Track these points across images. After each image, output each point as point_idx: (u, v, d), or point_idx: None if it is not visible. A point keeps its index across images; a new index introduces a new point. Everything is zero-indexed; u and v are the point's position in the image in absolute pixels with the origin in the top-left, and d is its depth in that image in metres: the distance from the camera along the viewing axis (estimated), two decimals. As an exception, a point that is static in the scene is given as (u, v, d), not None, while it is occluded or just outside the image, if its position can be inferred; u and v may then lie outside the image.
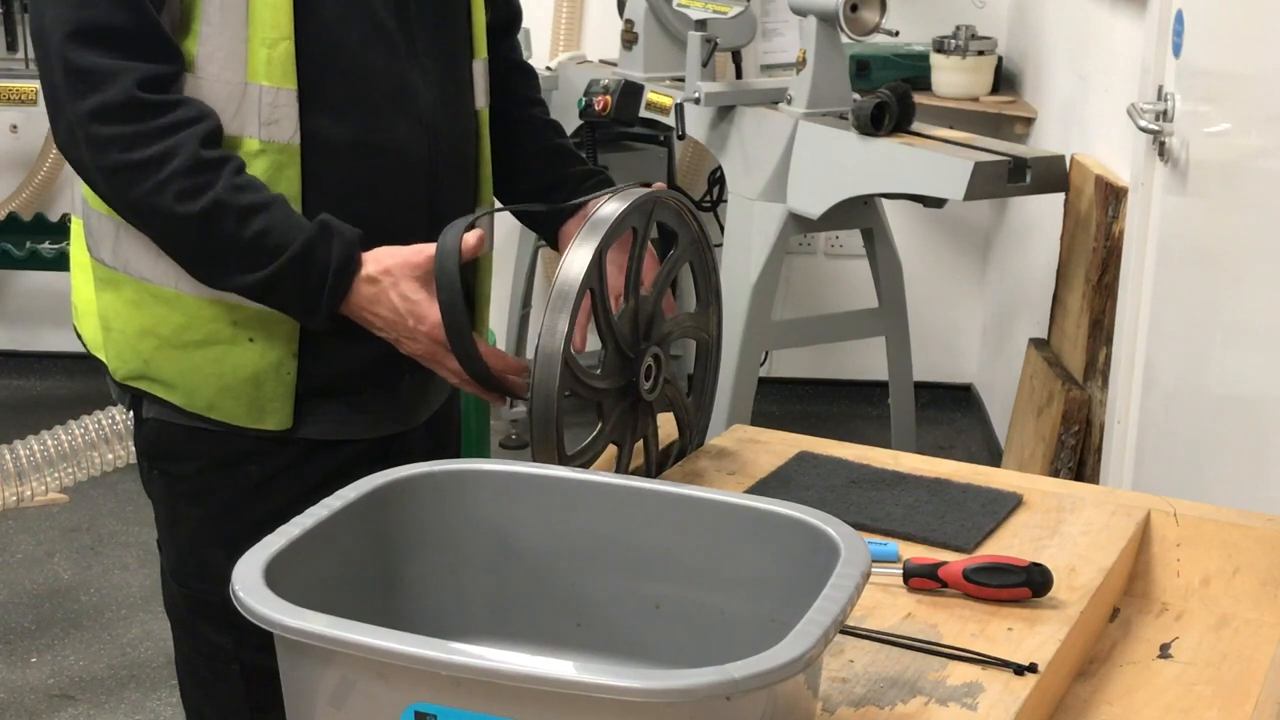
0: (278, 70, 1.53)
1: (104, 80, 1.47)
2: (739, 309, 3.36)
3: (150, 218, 1.51)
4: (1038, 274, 3.85)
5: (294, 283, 1.52)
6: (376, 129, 1.60)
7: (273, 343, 1.60)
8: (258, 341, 1.59)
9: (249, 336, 1.59)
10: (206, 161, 1.48)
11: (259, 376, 1.61)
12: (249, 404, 1.62)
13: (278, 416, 1.63)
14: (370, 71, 1.60)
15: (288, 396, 1.62)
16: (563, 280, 1.44)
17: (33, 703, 3.07)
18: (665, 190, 1.60)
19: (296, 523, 1.17)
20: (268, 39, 1.52)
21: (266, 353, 1.60)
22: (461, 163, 1.73)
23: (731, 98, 3.51)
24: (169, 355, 1.61)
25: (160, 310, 1.60)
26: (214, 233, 1.49)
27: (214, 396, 1.62)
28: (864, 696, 1.23)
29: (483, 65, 1.76)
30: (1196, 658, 1.44)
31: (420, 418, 1.76)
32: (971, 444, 4.53)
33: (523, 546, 1.30)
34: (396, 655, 0.99)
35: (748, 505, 1.25)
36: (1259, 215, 2.23)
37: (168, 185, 1.47)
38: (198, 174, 1.48)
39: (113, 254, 1.61)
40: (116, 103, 1.47)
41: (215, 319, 1.59)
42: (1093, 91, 3.53)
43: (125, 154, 1.47)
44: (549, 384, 1.43)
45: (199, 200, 1.48)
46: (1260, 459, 2.17)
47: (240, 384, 1.61)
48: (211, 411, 1.63)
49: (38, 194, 4.65)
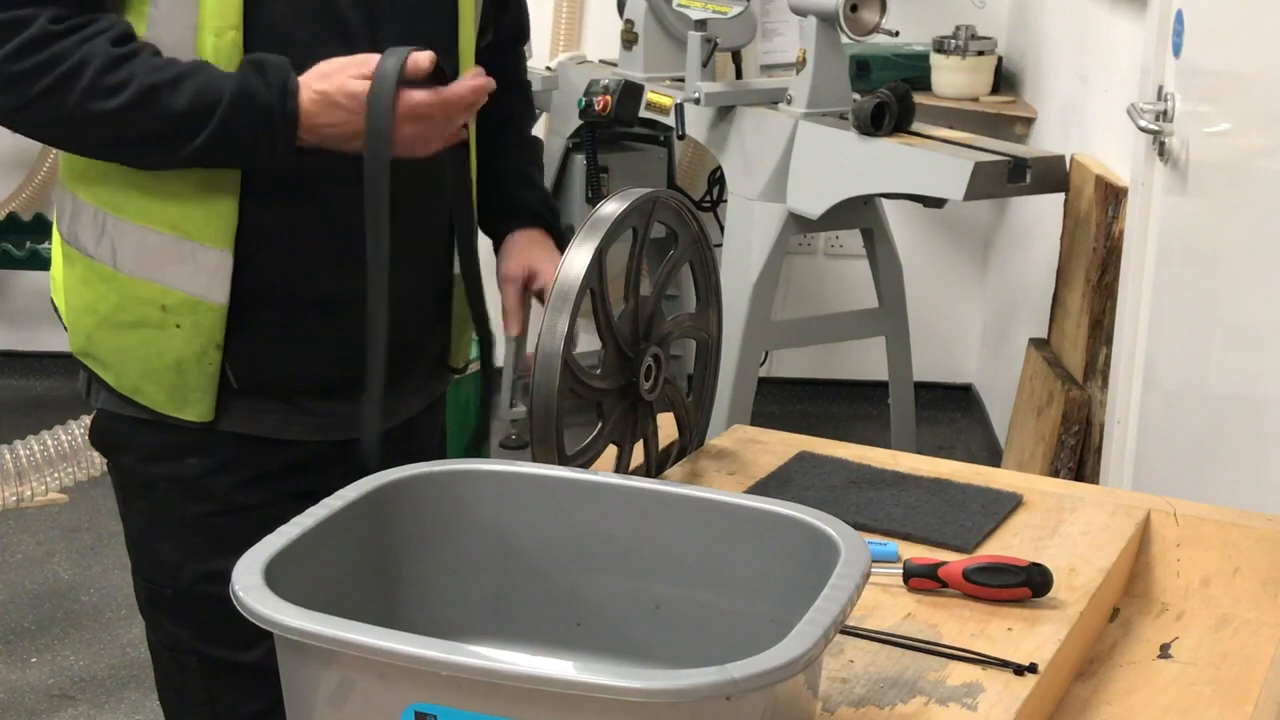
0: (224, 59, 1.52)
1: (17, 25, 1.48)
2: (739, 309, 3.36)
3: (88, 127, 1.52)
4: (1038, 274, 3.85)
5: (243, 125, 1.51)
6: None
7: (198, 331, 1.59)
8: (184, 329, 1.59)
9: (176, 323, 1.59)
10: (121, 56, 1.49)
11: (181, 364, 1.61)
12: (170, 390, 1.62)
13: (198, 407, 1.62)
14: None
15: (209, 388, 1.62)
16: (563, 281, 1.44)
17: (33, 703, 3.07)
18: (664, 190, 1.60)
19: (296, 523, 1.17)
20: (215, 27, 1.52)
21: (191, 340, 1.60)
22: (430, 170, 1.67)
23: (731, 98, 3.51)
24: (106, 333, 1.63)
25: (101, 288, 1.61)
26: (154, 114, 1.50)
27: (139, 379, 1.63)
28: (864, 696, 1.23)
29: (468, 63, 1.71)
30: (1196, 658, 1.44)
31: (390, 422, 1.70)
32: (971, 444, 4.53)
33: (523, 546, 1.30)
34: (396, 655, 0.99)
35: (748, 505, 1.25)
36: (1259, 215, 2.23)
37: (94, 88, 1.48)
38: (117, 68, 1.49)
39: (68, 230, 1.63)
40: (31, 38, 1.48)
41: (147, 301, 1.59)
42: (1093, 91, 3.53)
43: (45, 76, 1.48)
44: (549, 384, 1.43)
45: (128, 90, 1.48)
46: (1260, 459, 2.17)
47: (164, 370, 1.61)
48: (137, 395, 1.63)
49: (38, 194, 4.65)
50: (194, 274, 1.58)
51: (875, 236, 3.49)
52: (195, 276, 1.58)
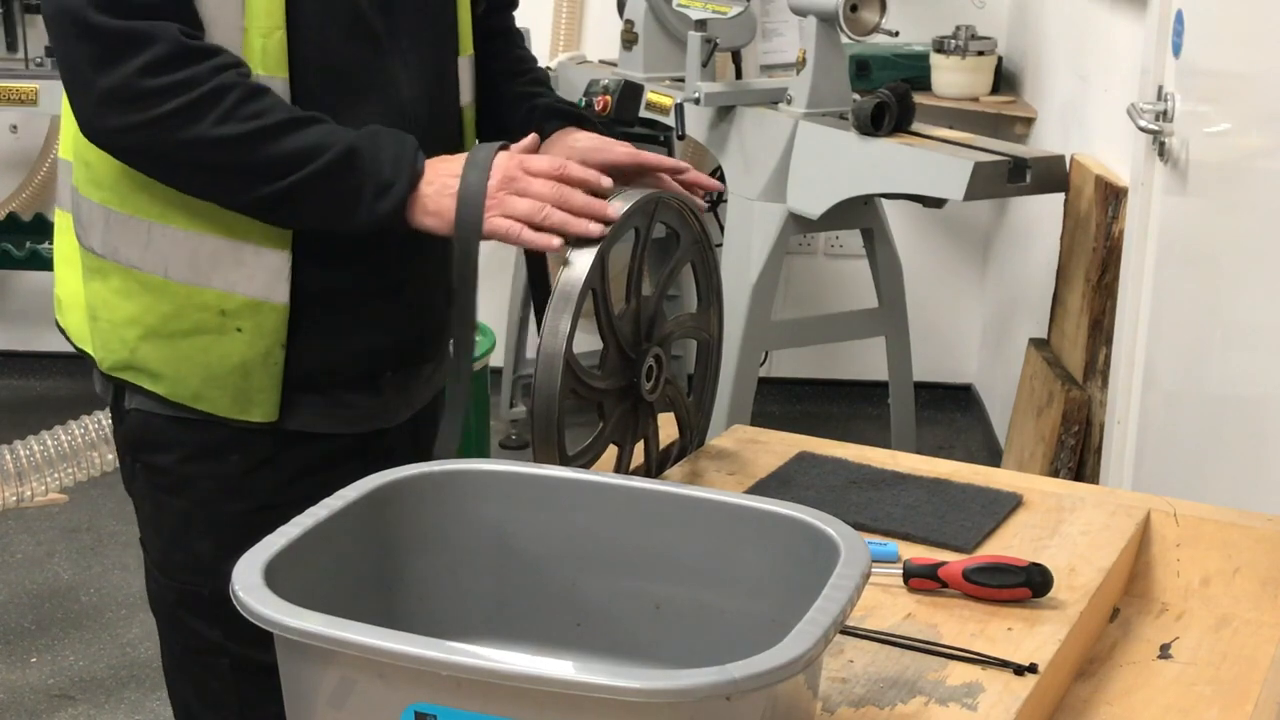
0: (273, 60, 1.54)
1: (148, 38, 1.48)
2: (739, 309, 3.36)
3: (214, 149, 1.51)
4: (1038, 274, 3.85)
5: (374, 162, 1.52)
6: (356, 121, 1.59)
7: (261, 333, 1.59)
8: (246, 331, 1.59)
9: (237, 326, 1.58)
10: (261, 89, 1.52)
11: (246, 366, 1.60)
12: (235, 394, 1.61)
13: (264, 408, 1.62)
14: (351, 64, 1.60)
15: (274, 388, 1.62)
16: (565, 281, 1.44)
17: (33, 703, 3.07)
18: (667, 191, 1.61)
19: (296, 523, 1.17)
20: (263, 28, 1.53)
21: (255, 342, 1.59)
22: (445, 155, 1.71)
23: (731, 98, 3.51)
24: (155, 345, 1.61)
25: (148, 299, 1.59)
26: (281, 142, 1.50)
27: (200, 387, 1.61)
28: (864, 696, 1.23)
29: (468, 62, 1.76)
30: (1196, 658, 1.44)
31: (401, 416, 1.75)
32: (971, 444, 4.53)
33: (523, 546, 1.30)
34: (396, 655, 0.99)
35: (748, 505, 1.25)
36: (1259, 215, 2.23)
37: (234, 112, 1.49)
38: (257, 99, 1.51)
39: (102, 242, 1.61)
40: (167, 54, 1.48)
41: (203, 308, 1.58)
42: (1093, 91, 3.53)
43: (185, 95, 1.48)
44: (550, 384, 1.43)
45: (269, 116, 1.50)
46: (1260, 459, 2.17)
47: (227, 374, 1.60)
48: (197, 402, 1.62)
49: (38, 194, 4.65)
50: (253, 276, 1.58)
51: (875, 236, 3.49)
52: (255, 278, 1.58)
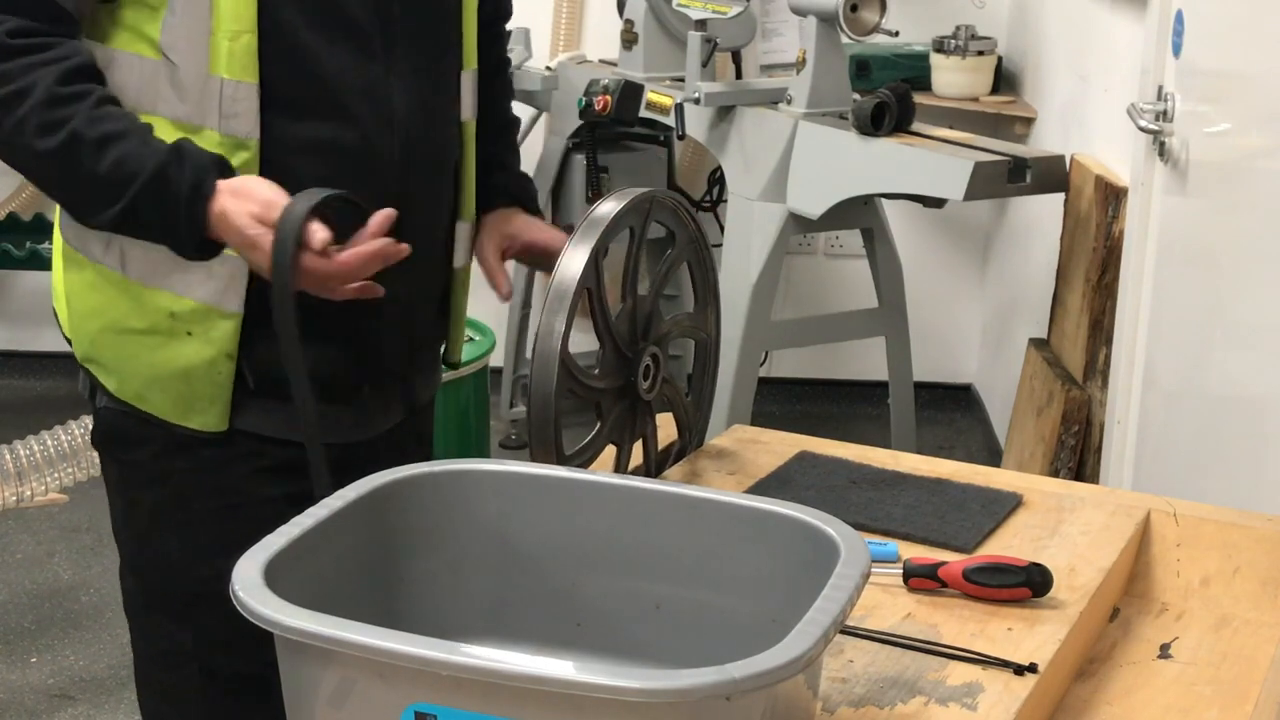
0: (238, 63, 1.52)
1: None
2: (739, 309, 3.36)
3: (14, 156, 1.51)
4: (1038, 274, 3.85)
5: (152, 211, 1.48)
6: (342, 129, 1.58)
7: (209, 340, 1.58)
8: (195, 337, 1.58)
9: (187, 330, 1.58)
10: (63, 96, 1.46)
11: (189, 372, 1.59)
12: (176, 398, 1.60)
13: (205, 417, 1.61)
14: (337, 71, 1.57)
15: (218, 398, 1.60)
16: (559, 281, 1.44)
17: (33, 703, 3.07)
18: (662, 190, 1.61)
19: (296, 523, 1.17)
20: (230, 31, 1.51)
21: (201, 349, 1.58)
22: (438, 171, 1.70)
23: (731, 98, 3.50)
24: (110, 339, 1.62)
25: (110, 293, 1.60)
26: (74, 167, 1.47)
27: (142, 387, 1.61)
28: (864, 696, 1.23)
29: (471, 76, 1.74)
30: (1196, 658, 1.44)
31: (380, 427, 1.73)
32: (971, 444, 4.53)
33: (523, 546, 1.30)
34: (396, 655, 0.99)
35: (748, 505, 1.25)
36: (1259, 215, 2.23)
37: (26, 121, 1.46)
38: (54, 108, 1.46)
39: (76, 235, 1.62)
40: None
41: (156, 309, 1.58)
42: (1093, 91, 3.53)
43: None
44: (546, 384, 1.43)
45: (56, 135, 1.46)
46: (1260, 459, 2.17)
47: (169, 377, 1.59)
48: (140, 402, 1.62)
49: (38, 194, 4.60)
50: (205, 281, 1.56)
51: (875, 236, 3.48)
52: (207, 283, 1.56)
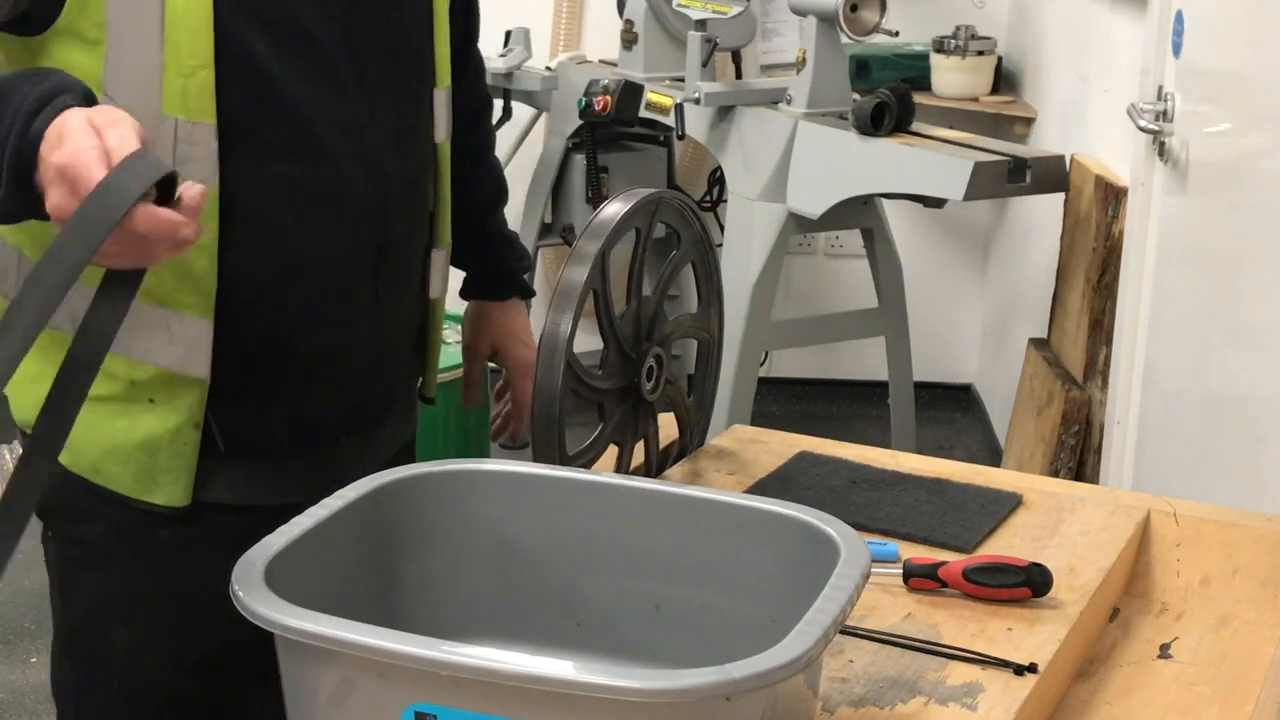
0: (194, 102, 1.35)
1: None
2: (739, 309, 3.36)
3: None
4: (1038, 274, 3.85)
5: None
6: (314, 167, 1.44)
7: (174, 408, 1.43)
8: (158, 404, 1.43)
9: (149, 397, 1.43)
10: None
11: (152, 443, 1.43)
12: (138, 472, 1.44)
13: (169, 490, 1.45)
14: (305, 105, 1.42)
15: (184, 470, 1.45)
16: (565, 280, 1.44)
17: (33, 703, 3.07)
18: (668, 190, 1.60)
19: (296, 523, 1.17)
20: (185, 67, 1.34)
21: (166, 418, 1.43)
22: (414, 201, 1.58)
23: (731, 98, 3.51)
24: None
25: (55, 355, 1.24)
26: None
27: (99, 459, 1.45)
28: (864, 696, 1.23)
29: (445, 94, 1.60)
30: (1196, 658, 1.44)
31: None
32: (971, 444, 4.53)
33: (523, 546, 1.30)
34: (396, 655, 0.99)
35: (748, 505, 1.25)
36: (1259, 215, 2.23)
37: None
38: None
39: (15, 288, 1.44)
40: None
41: (112, 376, 1.41)
42: (1093, 91, 3.53)
43: None
44: (551, 384, 1.43)
45: None
46: (1260, 459, 2.17)
47: (131, 449, 1.44)
48: (96, 476, 1.46)
49: None
50: (169, 345, 1.41)
51: (875, 236, 3.49)
52: (170, 348, 1.41)
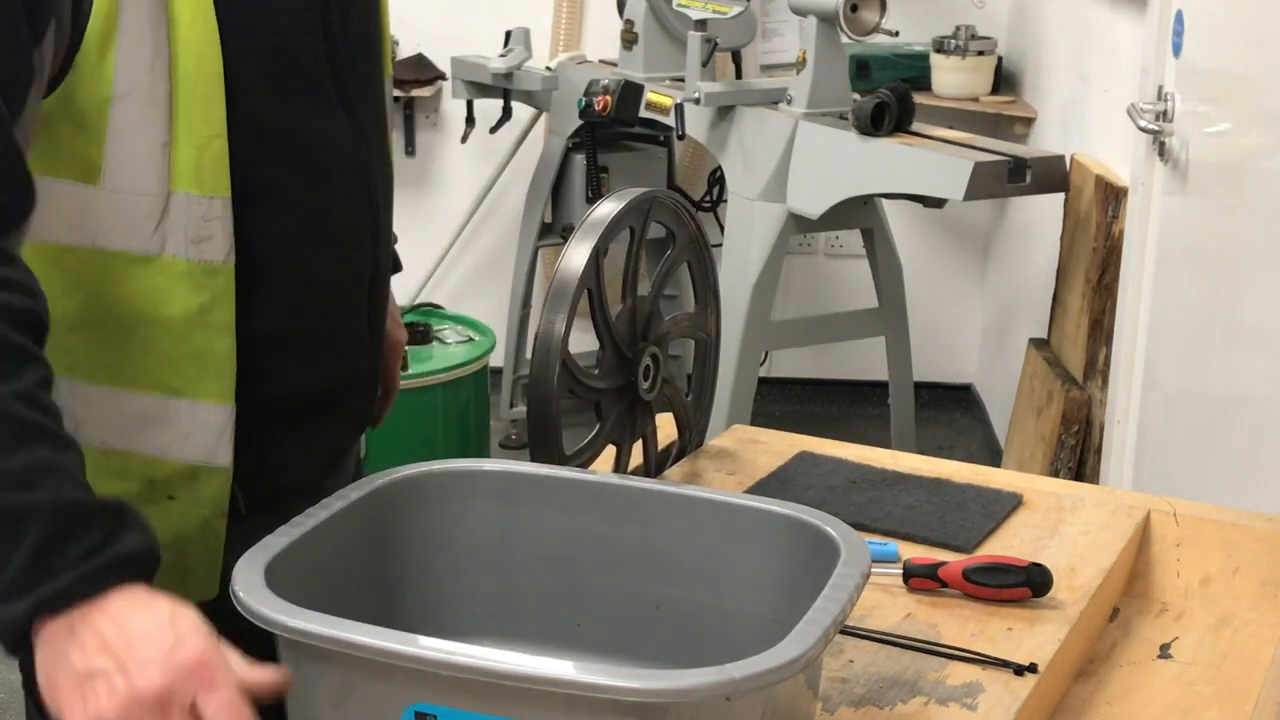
0: (209, 175, 1.26)
1: None
2: (739, 309, 3.36)
3: None
4: (1038, 274, 3.85)
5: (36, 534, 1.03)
6: (327, 207, 1.37)
7: (199, 501, 1.33)
8: (180, 500, 1.32)
9: (169, 494, 1.32)
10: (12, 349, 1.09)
11: (180, 541, 1.32)
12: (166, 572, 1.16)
13: (201, 588, 1.32)
14: (311, 140, 1.34)
15: (214, 562, 1.34)
16: (560, 279, 1.44)
17: (33, 703, 3.06)
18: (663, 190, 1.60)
19: (296, 523, 1.17)
20: (197, 138, 1.25)
21: (190, 512, 1.33)
22: (389, 229, 1.49)
23: (731, 98, 3.51)
24: None
25: None
26: None
27: None
28: (864, 696, 1.23)
29: (389, 83, 1.52)
30: (1196, 658, 1.44)
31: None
32: (971, 444, 4.53)
33: (523, 546, 1.30)
34: (396, 655, 0.99)
35: (748, 505, 1.25)
36: (1259, 215, 2.23)
37: None
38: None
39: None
40: None
41: (126, 476, 1.30)
42: (1093, 91, 3.53)
43: None
44: (546, 384, 1.43)
45: None
46: (1260, 459, 2.17)
47: None
48: None
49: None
50: (188, 436, 1.31)
51: (875, 236, 3.49)
52: (191, 439, 1.31)
